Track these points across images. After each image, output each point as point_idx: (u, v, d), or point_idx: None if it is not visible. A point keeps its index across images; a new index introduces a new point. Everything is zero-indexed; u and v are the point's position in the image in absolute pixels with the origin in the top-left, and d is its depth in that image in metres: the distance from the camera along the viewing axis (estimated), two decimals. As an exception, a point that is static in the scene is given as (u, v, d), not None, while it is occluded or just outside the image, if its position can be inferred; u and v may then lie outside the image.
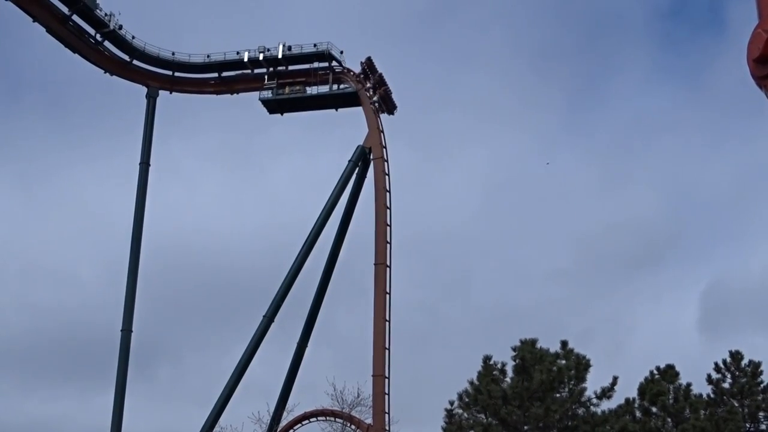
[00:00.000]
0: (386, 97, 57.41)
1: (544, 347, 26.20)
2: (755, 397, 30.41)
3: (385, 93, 57.14)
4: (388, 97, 57.52)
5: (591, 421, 25.70)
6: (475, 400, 25.97)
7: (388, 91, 57.58)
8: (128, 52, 60.33)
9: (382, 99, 57.18)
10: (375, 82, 57.24)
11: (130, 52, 60.35)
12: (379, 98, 57.11)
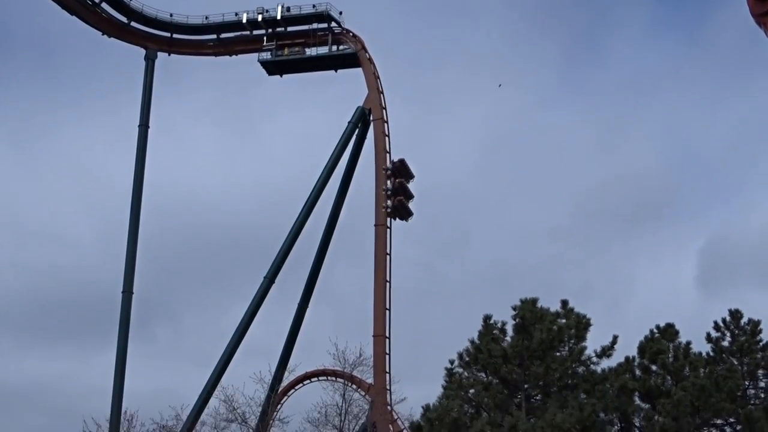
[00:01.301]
0: (401, 205, 56.27)
1: (545, 306, 26.25)
2: (754, 355, 30.53)
3: (401, 203, 55.87)
4: (402, 205, 56.44)
5: (591, 380, 25.85)
6: (476, 359, 26.10)
7: (404, 202, 56.23)
8: (126, 13, 60.04)
9: (395, 207, 56.02)
10: (395, 187, 55.90)
11: (127, 14, 60.05)
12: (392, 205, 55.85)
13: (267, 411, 50.23)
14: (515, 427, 22.83)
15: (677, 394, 26.21)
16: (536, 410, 24.92)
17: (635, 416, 27.73)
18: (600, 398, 25.04)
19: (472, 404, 25.66)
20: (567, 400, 24.32)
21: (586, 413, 23.57)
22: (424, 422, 24.50)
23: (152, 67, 60.59)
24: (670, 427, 26.02)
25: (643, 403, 28.20)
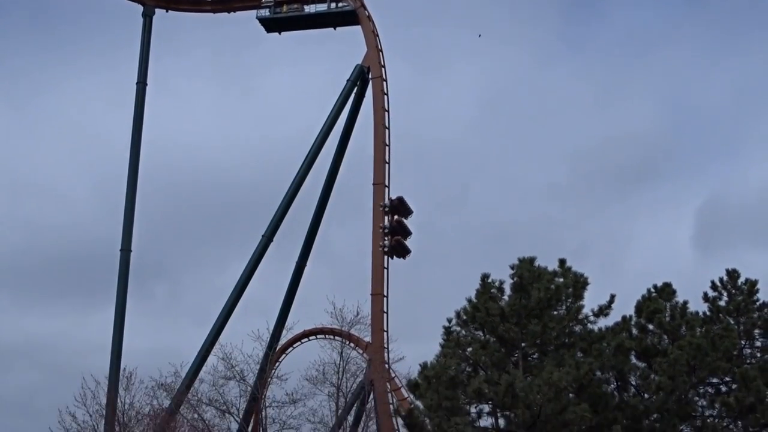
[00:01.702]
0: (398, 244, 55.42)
1: (542, 265, 26.27)
2: (751, 314, 30.63)
3: (398, 243, 54.98)
4: (400, 244, 55.62)
5: (588, 339, 25.95)
6: (473, 317, 26.16)
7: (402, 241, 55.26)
8: (123, -31, 59.64)
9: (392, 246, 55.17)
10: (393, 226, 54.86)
11: (124, -31, 59.65)
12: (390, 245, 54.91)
13: (265, 369, 50.47)
14: (512, 385, 22.94)
15: (673, 353, 26.33)
16: (533, 368, 25.04)
17: (631, 375, 27.89)
18: (597, 357, 25.16)
19: (470, 362, 25.75)
20: (564, 358, 24.43)
21: (583, 372, 23.69)
22: (422, 380, 24.61)
23: (150, 24, 60.13)
24: (666, 385, 26.17)
25: (640, 362, 28.36)
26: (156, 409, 42.34)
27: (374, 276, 55.64)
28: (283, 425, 48.88)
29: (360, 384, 52.28)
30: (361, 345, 55.07)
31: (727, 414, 26.93)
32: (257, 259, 55.93)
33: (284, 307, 56.78)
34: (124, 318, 52.43)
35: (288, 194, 56.40)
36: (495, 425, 25.30)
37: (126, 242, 53.42)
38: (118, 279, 53.06)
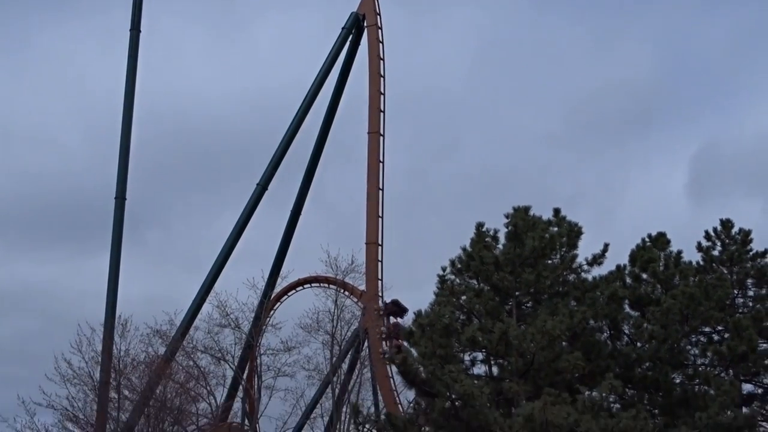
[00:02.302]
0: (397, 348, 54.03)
1: (537, 214, 26.29)
2: (744, 264, 30.75)
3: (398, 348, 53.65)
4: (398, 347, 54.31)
5: (581, 287, 26.03)
6: (468, 266, 26.20)
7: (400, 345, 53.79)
8: None
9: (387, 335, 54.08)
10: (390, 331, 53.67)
11: None
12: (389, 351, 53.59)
13: (260, 317, 50.68)
14: (506, 333, 23.04)
15: (666, 303, 26.45)
16: (527, 317, 25.15)
17: (624, 323, 28.04)
18: (590, 306, 25.27)
19: (464, 311, 25.86)
20: (557, 307, 24.52)
21: (576, 320, 23.80)
22: (416, 328, 24.72)
23: (143, -31, 59.54)
24: (659, 334, 26.32)
25: (633, 311, 28.50)
26: (151, 356, 42.59)
27: (369, 225, 55.73)
28: (278, 372, 49.20)
29: (354, 332, 52.58)
30: (355, 293, 55.27)
31: (719, 362, 27.12)
32: (252, 207, 55.87)
33: (279, 256, 56.84)
34: (119, 266, 52.42)
35: (283, 142, 56.21)
36: (488, 373, 25.48)
37: (120, 190, 53.27)
38: (113, 227, 52.96)
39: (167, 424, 37.76)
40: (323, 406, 54.20)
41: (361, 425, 25.83)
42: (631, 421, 21.74)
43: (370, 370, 53.98)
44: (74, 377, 39.28)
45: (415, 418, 24.75)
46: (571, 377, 23.63)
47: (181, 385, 41.07)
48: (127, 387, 40.04)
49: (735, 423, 25.22)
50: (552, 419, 21.32)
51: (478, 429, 22.64)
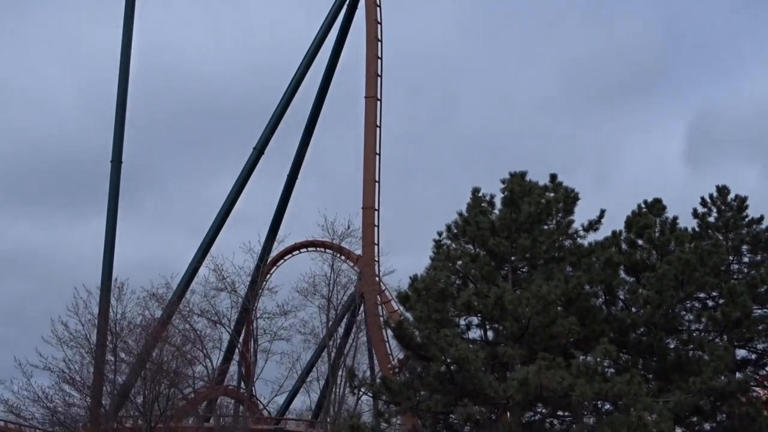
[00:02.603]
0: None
1: (533, 180, 26.25)
2: (740, 230, 30.78)
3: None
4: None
5: (577, 253, 26.05)
6: (464, 231, 26.21)
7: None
8: None
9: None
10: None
11: None
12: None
13: (256, 280, 50.83)
14: (501, 298, 23.10)
15: (662, 268, 26.50)
16: (522, 282, 25.20)
17: (620, 289, 28.10)
18: (586, 271, 25.31)
19: (460, 275, 25.88)
20: (553, 272, 24.55)
21: (572, 285, 23.85)
22: (412, 292, 24.76)
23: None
24: (654, 300, 26.39)
25: (628, 277, 28.54)
26: (148, 320, 42.70)
27: (365, 189, 55.73)
28: (274, 336, 49.47)
29: (351, 296, 52.74)
30: (351, 258, 55.39)
31: (713, 328, 27.23)
32: (248, 171, 55.85)
33: (275, 220, 56.89)
34: (115, 229, 52.44)
35: (280, 106, 56.09)
36: (484, 337, 25.55)
37: (116, 153, 53.16)
38: (109, 191, 52.91)
39: (163, 387, 37.95)
40: (319, 370, 54.55)
41: (357, 389, 25.97)
42: (625, 386, 21.85)
43: (365, 334, 54.22)
44: (71, 340, 39.45)
45: (411, 381, 24.85)
46: (566, 342, 23.72)
47: (178, 348, 41.24)
48: (123, 350, 40.20)
49: (728, 388, 25.38)
50: (546, 383, 21.43)
51: (473, 393, 22.76)
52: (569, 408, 23.81)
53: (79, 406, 39.17)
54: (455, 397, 22.95)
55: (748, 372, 28.94)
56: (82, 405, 39.01)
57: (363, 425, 23.86)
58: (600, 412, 25.54)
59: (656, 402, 22.46)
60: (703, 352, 26.24)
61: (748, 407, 25.74)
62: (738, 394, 25.95)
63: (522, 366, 22.44)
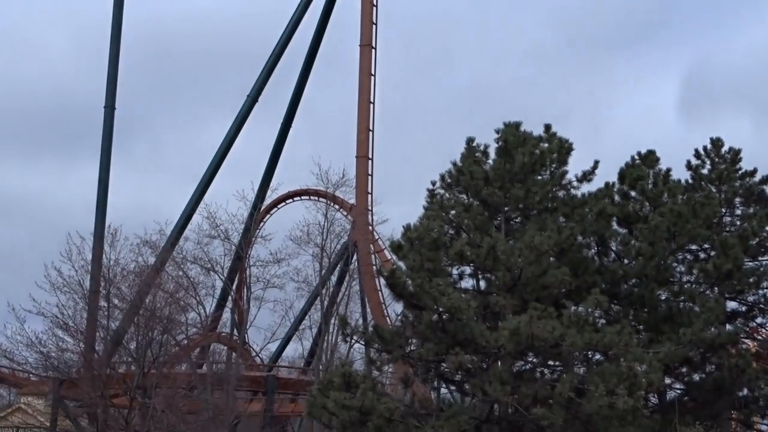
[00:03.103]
0: None
1: (528, 130, 26.16)
2: (733, 183, 30.83)
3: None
4: None
5: (570, 204, 26.03)
6: (457, 180, 26.16)
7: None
8: None
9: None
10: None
11: None
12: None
13: (249, 228, 50.89)
14: (494, 248, 23.12)
15: (654, 220, 26.55)
16: (515, 232, 25.21)
17: (612, 240, 28.16)
18: (578, 222, 25.32)
19: (453, 225, 25.88)
20: (546, 223, 24.55)
21: (564, 236, 23.87)
22: (405, 241, 24.76)
23: None
24: (646, 251, 26.47)
25: (621, 228, 28.60)
26: (141, 266, 42.77)
27: (359, 138, 55.64)
28: (267, 284, 49.63)
29: (344, 245, 52.87)
30: (345, 207, 55.46)
31: (705, 280, 27.34)
32: (242, 119, 55.70)
33: (269, 168, 56.83)
34: (108, 176, 52.35)
35: (274, 54, 55.79)
36: (476, 287, 25.61)
37: (110, 99, 52.90)
38: (102, 137, 52.74)
39: (156, 333, 38.09)
40: (312, 318, 54.87)
41: (349, 337, 26.03)
42: (616, 336, 21.97)
43: (358, 282, 54.44)
44: (64, 285, 39.50)
45: (403, 330, 24.97)
46: (558, 292, 23.79)
47: (171, 295, 41.34)
48: (116, 296, 40.30)
49: (718, 339, 25.55)
50: (537, 333, 21.53)
51: (465, 342, 22.86)
52: (560, 358, 23.94)
53: (73, 351, 39.34)
54: (447, 345, 23.06)
55: (738, 324, 29.14)
56: (76, 350, 39.17)
57: (355, 373, 23.99)
58: (590, 362, 25.71)
59: (646, 353, 22.60)
60: (694, 303, 26.38)
61: (738, 359, 25.95)
62: (728, 346, 26.15)
63: (513, 316, 22.53)
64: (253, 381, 51.82)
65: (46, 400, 45.17)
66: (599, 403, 20.99)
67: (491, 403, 23.71)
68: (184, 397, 39.16)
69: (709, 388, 26.60)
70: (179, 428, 37.42)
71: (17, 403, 56.71)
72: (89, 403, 36.81)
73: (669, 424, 23.63)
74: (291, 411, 55.78)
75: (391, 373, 42.01)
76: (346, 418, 23.22)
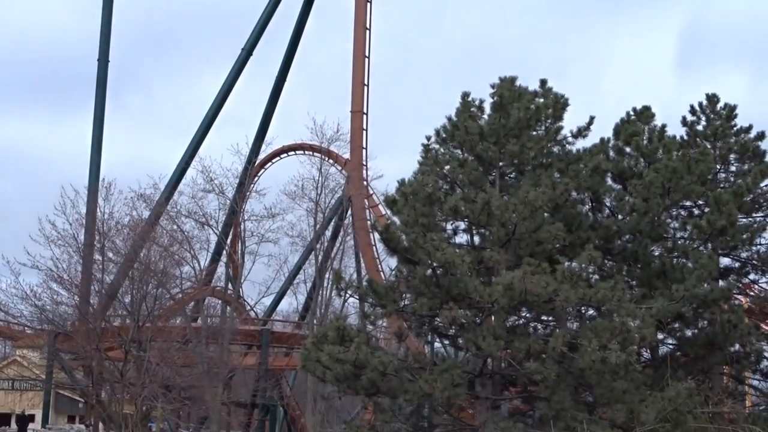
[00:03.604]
0: None
1: (523, 85, 26.03)
2: (728, 139, 30.80)
3: None
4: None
5: (565, 159, 25.97)
6: (452, 135, 26.09)
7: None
8: None
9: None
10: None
11: None
12: None
13: (244, 183, 50.86)
14: (488, 203, 23.11)
15: (649, 176, 26.53)
16: (510, 188, 25.18)
17: (606, 196, 28.17)
18: (573, 178, 25.27)
19: (447, 180, 25.84)
20: (541, 178, 24.51)
21: (559, 192, 23.84)
22: (399, 196, 24.74)
23: None
24: (640, 207, 26.49)
25: (615, 184, 28.61)
26: (136, 220, 42.77)
27: (354, 93, 55.46)
28: (262, 238, 49.66)
29: (338, 200, 52.91)
30: (340, 162, 55.45)
31: (698, 236, 27.36)
32: (237, 72, 55.48)
33: (264, 122, 56.73)
34: (102, 129, 52.23)
35: (269, 7, 55.45)
36: (470, 242, 25.65)
37: (103, 52, 52.61)
38: (96, 90, 52.54)
39: (151, 287, 38.18)
40: (306, 272, 55.02)
41: (343, 291, 26.08)
42: (609, 292, 22.04)
43: (353, 237, 54.52)
44: (58, 239, 39.50)
45: (397, 285, 25.03)
46: (552, 248, 23.83)
47: (165, 249, 41.38)
48: (111, 249, 40.32)
49: (711, 295, 25.65)
50: (531, 288, 21.59)
51: (458, 296, 22.93)
52: (553, 313, 24.05)
53: (67, 304, 39.45)
54: (441, 300, 23.13)
55: (731, 280, 29.23)
56: (70, 304, 39.28)
57: (349, 327, 24.07)
58: (583, 317, 25.82)
59: (639, 308, 22.67)
60: (687, 259, 26.44)
61: (730, 314, 26.06)
62: (720, 302, 26.25)
63: (507, 271, 22.58)
64: (248, 335, 52.11)
65: (41, 352, 45.37)
66: (592, 358, 21.11)
67: (484, 358, 23.83)
68: (178, 350, 39.36)
69: (701, 343, 26.74)
70: (174, 381, 37.64)
71: (12, 355, 56.95)
72: (84, 356, 36.98)
73: (661, 379, 23.75)
74: (285, 365, 56.14)
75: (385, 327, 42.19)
76: (339, 371, 23.35)
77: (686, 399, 22.26)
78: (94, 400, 35.02)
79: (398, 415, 26.42)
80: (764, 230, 29.61)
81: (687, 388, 22.76)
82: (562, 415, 22.21)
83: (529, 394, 25.61)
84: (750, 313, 29.14)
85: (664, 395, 22.26)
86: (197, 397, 41.36)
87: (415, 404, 26.63)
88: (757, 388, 31.72)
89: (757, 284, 31.46)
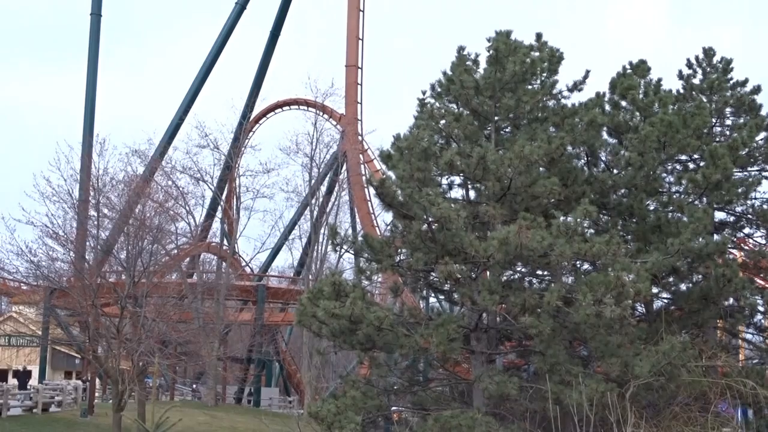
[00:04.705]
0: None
1: (519, 39, 25.86)
2: (724, 93, 30.72)
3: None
4: None
5: (561, 113, 25.85)
6: (448, 90, 25.94)
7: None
8: None
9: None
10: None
11: None
12: None
13: (239, 138, 50.74)
14: (484, 158, 23.04)
15: (644, 130, 26.45)
16: (505, 142, 25.10)
17: (602, 150, 28.13)
18: (569, 132, 25.18)
19: (443, 135, 25.74)
20: (536, 132, 24.43)
21: (554, 146, 23.74)
22: (394, 151, 24.67)
23: None
24: (635, 161, 26.44)
25: (611, 138, 28.56)
26: (130, 176, 42.70)
27: (349, 47, 55.15)
28: (257, 194, 49.70)
29: (333, 155, 52.82)
30: (334, 117, 55.27)
31: (693, 190, 27.35)
32: (231, 26, 55.12)
33: (258, 77, 56.45)
34: (96, 84, 51.94)
35: (262, -40, 54.96)
36: (465, 196, 25.61)
37: (96, 6, 52.19)
38: (89, 44, 52.19)
39: (147, 243, 38.15)
40: (301, 228, 55.10)
41: (339, 246, 26.10)
42: (604, 246, 22.04)
43: (348, 192, 54.51)
44: (53, 195, 39.41)
45: (392, 239, 25.03)
46: (547, 202, 23.79)
47: (160, 205, 41.34)
48: (106, 205, 40.26)
49: (706, 249, 25.67)
50: (526, 243, 21.58)
51: (454, 251, 22.94)
52: (548, 267, 24.09)
53: (63, 260, 39.43)
54: (436, 255, 23.15)
55: (726, 234, 29.30)
56: (66, 260, 39.26)
57: (345, 282, 24.09)
58: (578, 271, 25.88)
59: (634, 262, 22.69)
60: (683, 213, 26.44)
61: (725, 268, 26.11)
62: (715, 256, 26.29)
63: (503, 225, 22.58)
64: (243, 290, 52.27)
65: (37, 308, 45.44)
66: (587, 312, 21.15)
67: (480, 312, 23.89)
68: (174, 306, 39.43)
69: (695, 297, 26.82)
70: (170, 337, 37.76)
71: (9, 311, 57.09)
72: (80, 312, 37.02)
73: (655, 333, 23.87)
74: (281, 320, 56.37)
75: (381, 282, 42.30)
76: (335, 326, 23.43)
77: (680, 353, 22.38)
78: (91, 356, 35.11)
79: (394, 369, 26.57)
80: (759, 184, 29.64)
81: (681, 342, 22.89)
82: (556, 369, 22.31)
83: (524, 349, 25.73)
84: (744, 268, 29.20)
85: (658, 349, 22.37)
86: (193, 352, 41.56)
87: (410, 359, 26.80)
88: (751, 342, 31.93)
89: (751, 238, 31.54)
